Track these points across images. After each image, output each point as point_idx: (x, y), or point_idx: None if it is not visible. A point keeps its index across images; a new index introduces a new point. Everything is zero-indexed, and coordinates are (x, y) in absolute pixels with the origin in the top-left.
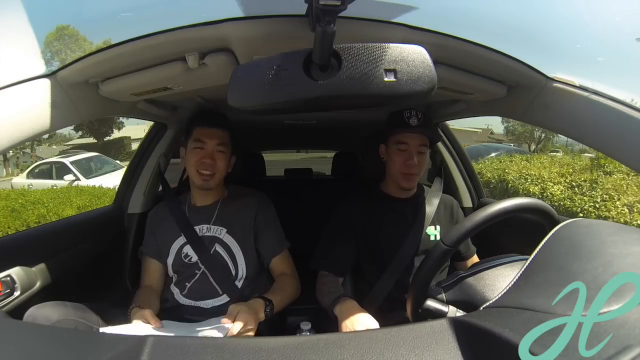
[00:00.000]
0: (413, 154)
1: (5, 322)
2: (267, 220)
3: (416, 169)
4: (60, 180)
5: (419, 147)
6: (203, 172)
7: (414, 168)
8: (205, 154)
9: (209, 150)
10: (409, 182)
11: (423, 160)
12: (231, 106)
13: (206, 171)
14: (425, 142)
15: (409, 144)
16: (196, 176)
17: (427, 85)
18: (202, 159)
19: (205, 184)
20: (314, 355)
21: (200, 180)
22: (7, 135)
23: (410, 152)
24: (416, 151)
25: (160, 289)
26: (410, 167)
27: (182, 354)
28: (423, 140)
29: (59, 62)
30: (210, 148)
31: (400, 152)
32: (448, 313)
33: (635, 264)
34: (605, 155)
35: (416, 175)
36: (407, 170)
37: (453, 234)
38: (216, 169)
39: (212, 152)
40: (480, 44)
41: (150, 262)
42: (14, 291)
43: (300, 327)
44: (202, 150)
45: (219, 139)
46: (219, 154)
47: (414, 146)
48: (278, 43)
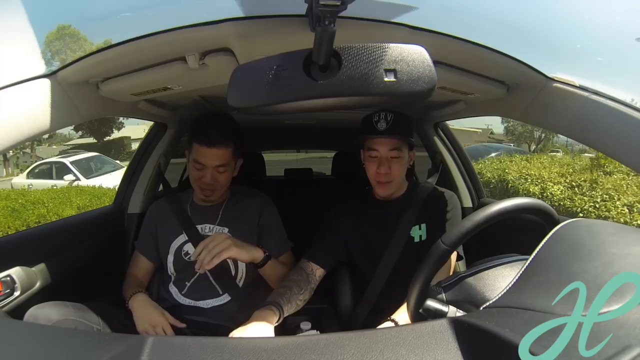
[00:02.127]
0: (383, 161)
1: (5, 322)
2: (271, 222)
3: (388, 177)
4: (60, 180)
5: (389, 153)
6: (204, 189)
7: (385, 176)
8: (205, 174)
9: (208, 171)
10: (383, 191)
11: (397, 166)
12: (231, 106)
13: (207, 188)
14: (396, 146)
15: (379, 151)
16: (197, 190)
17: (427, 85)
18: (202, 179)
19: (207, 199)
20: (314, 355)
21: (202, 195)
22: (7, 135)
23: (380, 159)
24: (387, 157)
25: (144, 282)
26: (380, 175)
27: (182, 354)
28: (393, 145)
29: (59, 62)
30: (209, 169)
31: (372, 159)
32: (448, 313)
33: (635, 264)
34: (605, 155)
35: (390, 182)
36: (379, 178)
37: (453, 234)
38: (217, 185)
39: (212, 173)
40: (480, 44)
41: (140, 257)
42: (14, 291)
43: (300, 327)
44: (202, 170)
45: (218, 160)
46: (220, 174)
47: (384, 152)
48: (278, 43)
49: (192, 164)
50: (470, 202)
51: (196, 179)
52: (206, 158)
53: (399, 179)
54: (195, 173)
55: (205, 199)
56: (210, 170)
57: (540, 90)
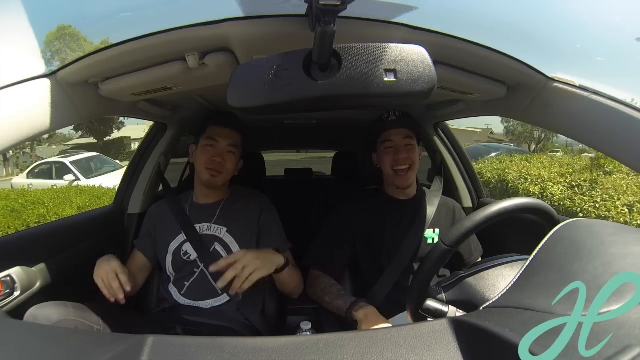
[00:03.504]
0: (401, 148)
1: (5, 322)
2: (270, 223)
3: (407, 162)
4: (60, 180)
5: (404, 141)
6: (211, 169)
7: (405, 161)
8: (216, 152)
9: (220, 149)
10: (403, 181)
11: (413, 154)
12: (231, 106)
13: (215, 169)
14: (409, 135)
15: (394, 140)
16: (204, 172)
17: (427, 85)
18: (213, 157)
19: (213, 180)
20: (314, 355)
21: (208, 175)
22: (7, 135)
23: (397, 147)
24: (403, 145)
25: (138, 281)
26: (399, 161)
27: (182, 354)
28: (406, 133)
29: (59, 62)
30: (221, 147)
31: (389, 150)
32: (448, 313)
33: (635, 264)
34: (605, 155)
35: (409, 171)
36: (398, 164)
37: (453, 233)
38: (225, 168)
39: (223, 152)
40: (480, 44)
41: (138, 254)
42: (14, 291)
43: (300, 327)
44: (214, 148)
45: (231, 140)
46: (229, 154)
47: (399, 141)
48: (278, 43)
49: (203, 146)
50: (470, 202)
51: (206, 160)
52: (220, 135)
53: (416, 167)
54: (205, 153)
55: (210, 182)
56: (222, 148)
57: (540, 90)
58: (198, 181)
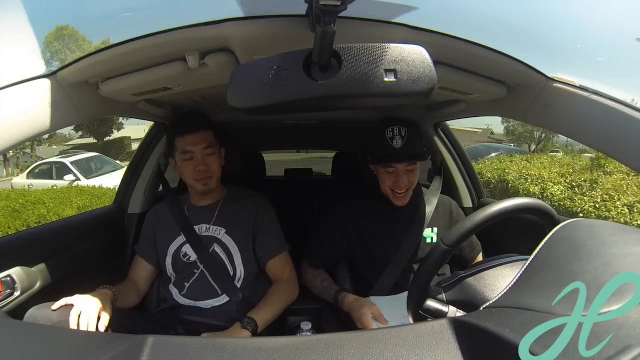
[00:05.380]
0: (401, 175)
1: (5, 322)
2: (266, 223)
3: (406, 186)
4: (60, 180)
5: (407, 167)
6: (200, 179)
7: (405, 186)
8: (197, 162)
9: (198, 157)
10: (400, 202)
11: (413, 176)
12: (231, 106)
13: (203, 177)
14: (412, 161)
15: (396, 167)
16: (196, 184)
17: (427, 85)
18: (196, 167)
19: (207, 188)
20: (314, 355)
21: (201, 185)
22: (7, 135)
23: (397, 173)
24: (405, 170)
25: (143, 287)
26: (399, 186)
27: (182, 354)
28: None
29: (58, 62)
30: (198, 154)
31: (390, 174)
32: (448, 313)
33: (635, 264)
34: (605, 155)
35: (407, 190)
36: (397, 189)
37: (453, 234)
38: (212, 171)
39: (202, 157)
40: (480, 44)
41: (141, 260)
42: (14, 291)
43: (300, 327)
44: (192, 159)
45: (204, 142)
46: (209, 156)
47: (402, 168)
48: (278, 43)
49: (181, 160)
50: (470, 202)
51: (189, 172)
52: (191, 144)
53: (415, 185)
54: (187, 166)
55: (204, 190)
56: (199, 155)
57: (540, 90)
58: (194, 189)
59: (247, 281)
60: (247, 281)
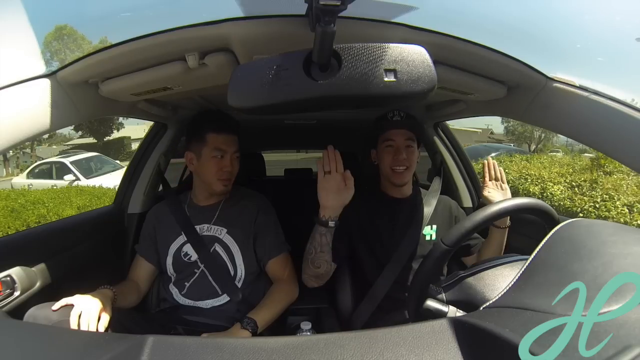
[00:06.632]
0: (401, 149)
1: (5, 322)
2: (267, 223)
3: (405, 162)
4: (60, 180)
5: (405, 142)
6: (224, 179)
7: (403, 161)
8: (226, 163)
9: (228, 158)
10: (399, 178)
11: (412, 155)
12: (231, 106)
13: (227, 178)
14: (410, 136)
15: (395, 140)
16: (216, 183)
17: (427, 85)
18: (224, 168)
19: (226, 189)
20: (314, 355)
21: (222, 186)
22: (7, 135)
23: (397, 147)
24: (404, 145)
25: (143, 287)
26: (398, 161)
27: (182, 354)
28: (408, 135)
29: (58, 62)
30: (229, 156)
31: (389, 149)
32: (448, 313)
33: (635, 264)
34: (605, 155)
35: (406, 170)
36: (396, 164)
37: (453, 233)
38: (234, 174)
39: (232, 159)
40: (480, 44)
41: (141, 260)
42: (14, 291)
43: (300, 327)
44: (222, 159)
45: (236, 146)
46: (235, 160)
47: (401, 141)
48: (278, 43)
49: (210, 157)
50: (470, 202)
51: (214, 170)
52: (227, 144)
53: (413, 168)
54: (215, 164)
55: (224, 190)
56: (229, 156)
57: (540, 90)
58: (203, 186)
59: (248, 281)
60: (247, 281)
